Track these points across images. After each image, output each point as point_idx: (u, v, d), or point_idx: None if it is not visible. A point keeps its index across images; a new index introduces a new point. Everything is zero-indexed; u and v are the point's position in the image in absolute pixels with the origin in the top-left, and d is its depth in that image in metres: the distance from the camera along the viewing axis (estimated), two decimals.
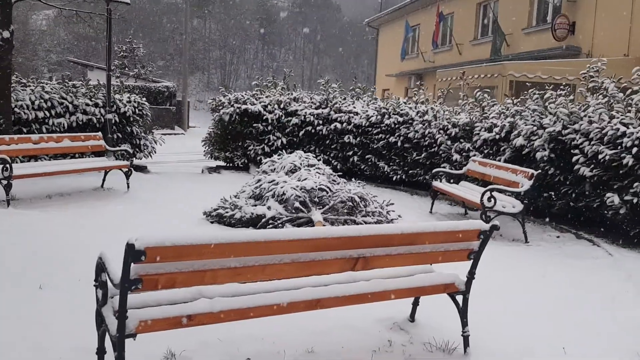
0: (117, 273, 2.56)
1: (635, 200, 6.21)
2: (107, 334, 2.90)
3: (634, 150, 6.19)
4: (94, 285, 2.86)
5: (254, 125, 10.75)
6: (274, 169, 7.80)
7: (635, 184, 6.21)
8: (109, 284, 2.70)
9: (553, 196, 7.60)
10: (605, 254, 6.14)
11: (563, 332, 3.82)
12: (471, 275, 3.41)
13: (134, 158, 8.44)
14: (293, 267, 2.81)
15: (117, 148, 8.71)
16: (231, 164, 11.33)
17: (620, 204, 6.37)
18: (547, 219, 7.70)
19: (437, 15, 22.77)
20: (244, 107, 10.72)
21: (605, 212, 7.02)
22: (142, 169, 10.36)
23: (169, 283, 2.54)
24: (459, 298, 3.45)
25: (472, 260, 3.37)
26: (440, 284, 3.36)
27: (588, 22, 15.94)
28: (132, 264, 2.41)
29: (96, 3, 10.22)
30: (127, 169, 8.34)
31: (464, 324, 3.43)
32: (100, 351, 2.93)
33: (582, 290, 4.83)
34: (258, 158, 10.56)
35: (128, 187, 8.38)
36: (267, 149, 10.64)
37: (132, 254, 2.36)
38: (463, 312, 3.43)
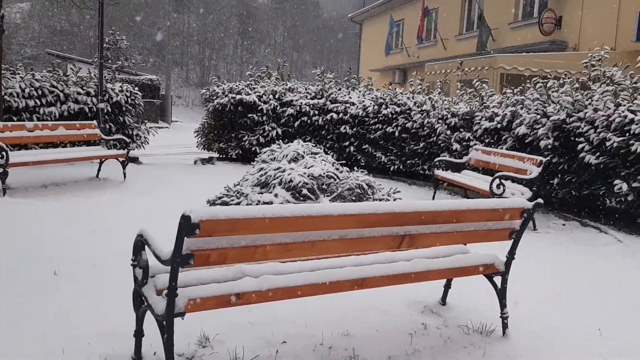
0: (163, 250, 2.44)
1: None
2: (146, 315, 2.78)
3: None
4: (132, 265, 2.71)
5: (249, 115, 10.59)
6: (274, 158, 7.66)
7: None
8: (150, 262, 2.58)
9: (556, 185, 7.61)
10: (615, 240, 6.15)
11: (593, 315, 3.78)
12: (511, 255, 3.34)
13: (128, 150, 8.22)
14: (341, 244, 2.71)
15: (113, 137, 8.47)
16: (224, 156, 11.15)
17: (629, 190, 6.38)
18: (550, 208, 7.71)
19: (422, 10, 22.77)
20: (238, 97, 10.55)
21: (611, 199, 7.07)
22: (134, 160, 10.13)
23: (220, 258, 2.41)
24: (497, 279, 3.39)
25: (512, 240, 3.30)
26: (481, 264, 3.29)
27: (575, 17, 16.08)
28: (185, 238, 2.28)
29: None
30: (123, 159, 8.12)
31: (503, 305, 3.36)
32: (139, 334, 2.79)
33: (601, 274, 4.82)
34: (253, 149, 10.41)
35: (125, 176, 8.17)
36: (262, 139, 10.49)
37: (187, 227, 2.23)
38: (502, 293, 3.37)
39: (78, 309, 3.39)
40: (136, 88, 10.65)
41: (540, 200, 3.19)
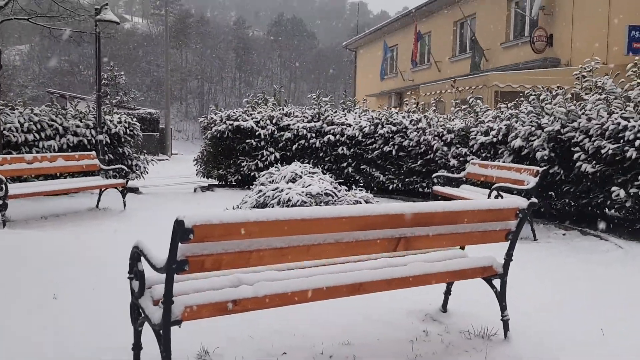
0: (158, 258, 2.45)
1: None
2: (143, 327, 2.77)
3: (637, 142, 6.23)
4: (128, 278, 2.72)
5: (247, 141, 10.66)
6: (273, 180, 7.70)
7: None
8: (147, 273, 2.59)
9: (554, 196, 7.62)
10: (615, 247, 6.13)
11: (594, 320, 3.74)
12: (509, 257, 3.35)
13: (128, 179, 8.27)
14: (337, 248, 2.71)
15: (112, 166, 8.52)
16: (224, 182, 11.19)
17: (626, 197, 6.39)
18: (550, 219, 7.70)
19: (415, 34, 23.11)
20: (236, 123, 10.64)
21: (609, 207, 7.06)
22: (133, 190, 10.16)
23: (215, 264, 2.42)
24: (496, 282, 3.38)
25: (509, 241, 3.31)
26: (479, 266, 3.28)
27: (565, 34, 16.29)
28: (180, 244, 2.29)
29: (83, 23, 10.09)
30: (122, 188, 8.15)
31: (503, 307, 3.35)
32: (137, 346, 2.78)
33: (602, 280, 4.80)
34: (252, 174, 10.45)
35: (124, 205, 8.19)
36: (260, 164, 10.54)
37: (181, 232, 2.24)
38: (501, 295, 3.35)
39: (77, 329, 3.38)
40: (134, 119, 10.75)
41: (534, 200, 3.21)
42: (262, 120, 10.82)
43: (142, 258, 2.58)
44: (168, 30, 29.48)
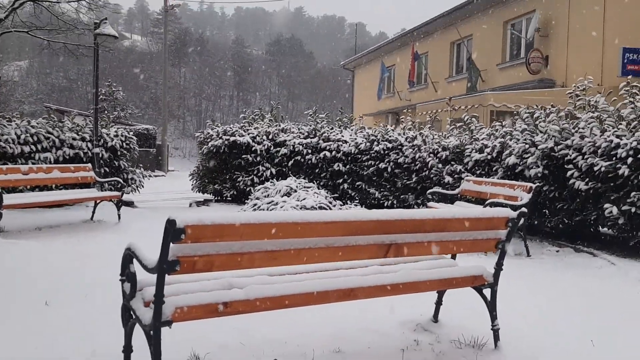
0: (150, 259, 2.47)
1: (633, 210, 6.27)
2: (134, 329, 2.78)
3: (629, 160, 6.29)
4: (120, 280, 2.73)
5: (243, 156, 10.71)
6: (268, 194, 7.74)
7: (633, 194, 6.28)
8: (139, 276, 2.60)
9: (548, 213, 7.66)
10: (608, 264, 6.16)
11: (587, 333, 3.75)
12: (499, 266, 3.37)
13: (123, 193, 8.29)
14: (327, 252, 2.74)
15: (108, 179, 8.53)
16: (220, 197, 11.21)
17: (619, 214, 6.43)
18: (544, 236, 7.73)
19: (412, 55, 23.34)
20: (232, 139, 10.70)
21: (602, 224, 7.09)
22: (129, 204, 10.16)
23: (206, 266, 2.44)
24: (487, 292, 3.39)
25: (499, 251, 3.33)
26: (470, 275, 3.30)
27: (561, 55, 16.49)
28: (171, 244, 2.31)
29: (82, 37, 10.20)
30: (118, 200, 8.16)
31: (493, 317, 3.36)
32: (127, 349, 2.78)
33: (594, 295, 4.81)
34: (247, 189, 10.47)
35: (119, 218, 8.19)
36: (256, 179, 10.57)
37: (173, 231, 2.27)
38: (492, 305, 3.37)
39: (68, 334, 3.37)
40: (131, 133, 10.80)
41: (524, 210, 3.24)
42: (259, 136, 10.88)
43: (135, 260, 2.60)
44: (167, 48, 29.72)
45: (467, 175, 8.65)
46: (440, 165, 9.34)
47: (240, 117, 12.54)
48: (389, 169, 10.03)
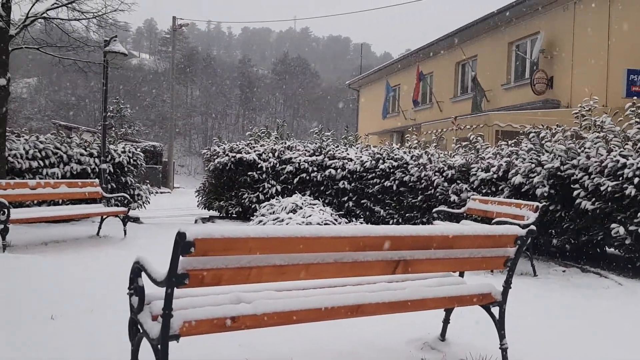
0: (159, 272, 2.47)
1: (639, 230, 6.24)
2: (141, 343, 2.77)
3: (636, 180, 6.28)
4: (128, 294, 2.73)
5: (249, 173, 10.74)
6: (274, 211, 7.74)
7: (639, 214, 6.27)
8: (147, 290, 2.61)
9: (554, 233, 7.63)
10: (615, 284, 6.13)
11: (594, 354, 3.72)
12: (507, 284, 3.35)
13: (130, 208, 8.31)
14: (336, 267, 2.74)
15: (114, 195, 8.56)
16: (225, 214, 11.21)
17: (626, 234, 6.40)
18: (550, 256, 7.69)
19: (417, 74, 23.47)
20: (238, 156, 10.74)
21: (609, 244, 7.06)
22: (135, 219, 10.18)
23: (215, 279, 2.44)
24: (495, 310, 3.37)
25: (508, 269, 3.32)
26: (478, 293, 3.28)
27: (565, 76, 16.54)
28: (180, 257, 2.32)
29: (92, 54, 10.32)
30: (124, 216, 8.18)
31: (502, 336, 3.33)
32: None
33: (601, 316, 4.77)
34: (253, 206, 10.48)
35: (125, 233, 8.20)
36: (261, 196, 10.58)
37: (183, 244, 2.27)
38: (500, 324, 3.34)
39: (74, 347, 3.36)
40: (138, 149, 10.86)
41: (533, 227, 3.23)
42: (265, 153, 10.92)
43: (143, 273, 2.60)
44: (174, 66, 29.99)
45: (473, 194, 8.64)
46: (446, 184, 9.34)
47: (246, 135, 12.60)
48: (395, 187, 10.03)
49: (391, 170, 10.17)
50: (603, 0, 15.05)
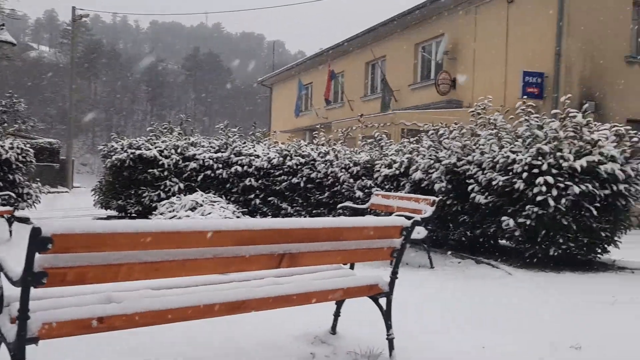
0: (16, 271, 2.26)
1: (528, 222, 6.57)
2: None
3: (524, 175, 6.61)
4: None
5: (149, 171, 10.32)
6: (173, 209, 7.49)
7: (527, 207, 6.59)
8: (8, 291, 2.38)
9: (451, 226, 7.91)
10: (505, 274, 6.41)
11: (480, 336, 3.84)
12: (394, 275, 3.37)
13: (16, 208, 7.75)
14: (215, 263, 2.63)
15: None
16: (124, 213, 10.74)
17: (515, 226, 6.72)
18: (448, 248, 7.95)
19: (329, 73, 23.69)
20: (138, 152, 10.31)
21: (500, 237, 7.40)
22: (23, 220, 9.49)
23: (78, 278, 2.26)
24: (383, 301, 3.38)
25: (394, 259, 3.34)
26: (365, 285, 3.28)
27: (468, 77, 17.23)
28: (37, 254, 2.12)
29: None
30: (10, 215, 7.61)
31: (389, 326, 3.35)
32: None
33: (489, 305, 4.94)
34: (154, 205, 10.08)
35: (10, 234, 7.63)
36: (163, 195, 10.20)
37: (37, 241, 2.09)
38: (387, 314, 3.36)
39: None
40: (27, 145, 10.17)
41: (417, 218, 3.27)
42: (167, 150, 10.55)
43: (2, 273, 2.37)
44: (74, 59, 28.45)
45: (377, 190, 8.79)
46: (351, 180, 9.44)
47: (147, 130, 12.14)
48: (302, 184, 10.01)
49: (298, 167, 10.14)
50: (501, 5, 15.80)
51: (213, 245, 2.57)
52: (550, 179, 6.40)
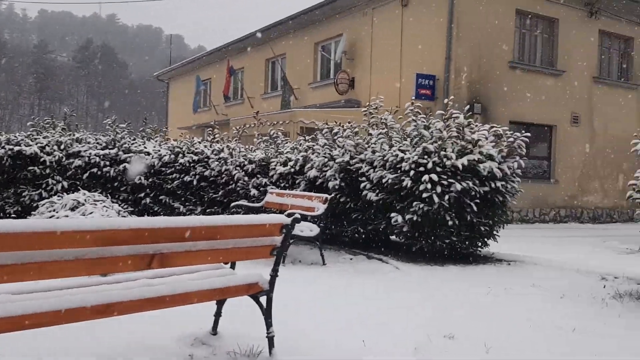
0: None
1: (415, 218, 6.81)
2: None
3: (412, 172, 6.84)
4: None
5: (30, 168, 9.61)
6: (54, 210, 7.03)
7: (415, 203, 6.82)
8: None
9: (345, 223, 8.04)
10: (394, 269, 6.60)
11: (361, 330, 3.91)
12: (275, 272, 3.34)
13: None
14: (78, 265, 2.46)
15: None
16: (2, 213, 9.95)
17: (403, 222, 6.94)
18: (342, 245, 8.08)
19: (228, 69, 23.37)
20: (17, 148, 9.56)
21: (390, 232, 7.63)
22: None
23: None
24: (263, 299, 3.34)
25: (275, 257, 3.31)
26: (244, 283, 3.22)
27: (365, 78, 17.62)
28: None
29: None
30: None
31: (269, 324, 3.32)
32: None
33: (376, 298, 5.08)
34: (35, 205, 9.41)
35: None
36: (45, 194, 9.52)
37: None
38: (267, 312, 3.32)
39: None
40: None
41: (297, 216, 3.25)
42: (49, 146, 9.88)
43: None
44: None
45: (272, 188, 8.75)
46: (246, 178, 9.34)
47: (27, 124, 11.33)
48: (195, 182, 9.75)
49: (191, 164, 9.87)
50: (397, 8, 16.29)
51: (75, 246, 2.40)
52: (435, 177, 6.66)
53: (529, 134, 7.52)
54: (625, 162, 16.58)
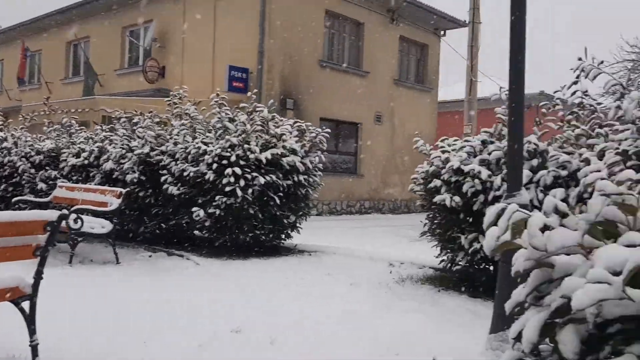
0: None
1: (217, 213, 6.70)
2: None
3: (214, 166, 6.71)
4: None
5: None
6: None
7: (217, 197, 6.71)
8: None
9: (146, 219, 7.65)
10: (194, 265, 6.43)
11: (132, 334, 3.69)
12: (39, 275, 2.99)
13: None
14: None
15: None
16: None
17: (206, 216, 6.80)
18: (142, 242, 7.68)
19: (22, 50, 21.07)
20: None
21: (193, 227, 7.43)
22: None
23: None
24: (26, 304, 2.97)
25: (39, 258, 2.96)
26: (3, 288, 2.83)
27: (177, 67, 17.00)
28: None
29: None
30: None
31: (32, 331, 2.97)
32: None
33: (168, 295, 4.83)
34: None
35: None
36: None
37: None
38: (31, 319, 2.97)
39: None
40: None
41: (65, 212, 2.96)
42: None
43: None
44: None
45: (63, 181, 8.01)
46: (33, 171, 8.44)
47: None
48: None
49: None
50: None
51: None
52: (238, 170, 6.61)
53: (329, 130, 7.85)
54: (419, 159, 18.24)
